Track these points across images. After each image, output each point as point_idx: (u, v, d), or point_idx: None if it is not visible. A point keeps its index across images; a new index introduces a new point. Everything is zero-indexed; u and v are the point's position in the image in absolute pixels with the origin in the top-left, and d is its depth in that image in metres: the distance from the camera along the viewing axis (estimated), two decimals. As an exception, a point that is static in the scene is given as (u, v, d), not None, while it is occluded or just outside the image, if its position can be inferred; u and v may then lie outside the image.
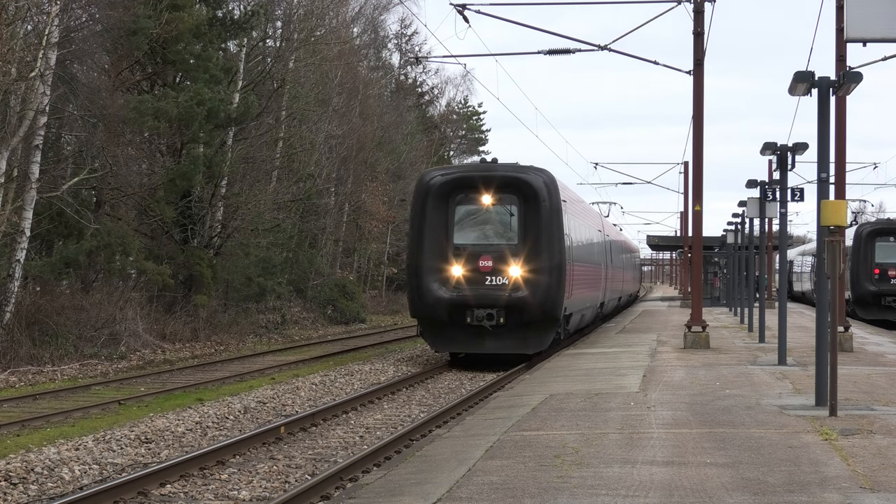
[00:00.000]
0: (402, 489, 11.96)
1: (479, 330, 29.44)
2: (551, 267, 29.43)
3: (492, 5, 32.90)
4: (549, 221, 29.54)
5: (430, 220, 29.71)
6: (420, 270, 29.61)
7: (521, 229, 29.70)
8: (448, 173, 30.47)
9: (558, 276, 29.57)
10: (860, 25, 17.36)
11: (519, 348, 29.73)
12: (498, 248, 29.66)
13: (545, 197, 29.56)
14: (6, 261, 31.31)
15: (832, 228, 17.07)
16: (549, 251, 29.44)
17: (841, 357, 22.60)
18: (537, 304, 29.23)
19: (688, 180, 67.07)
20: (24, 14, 31.58)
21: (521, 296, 29.26)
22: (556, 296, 29.58)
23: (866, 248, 49.68)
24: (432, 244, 29.62)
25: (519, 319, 29.33)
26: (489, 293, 29.34)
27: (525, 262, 29.41)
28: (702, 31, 31.62)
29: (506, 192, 29.81)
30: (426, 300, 29.52)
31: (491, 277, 29.45)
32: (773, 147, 25.02)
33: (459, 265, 29.52)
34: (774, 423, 15.95)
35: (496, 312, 29.20)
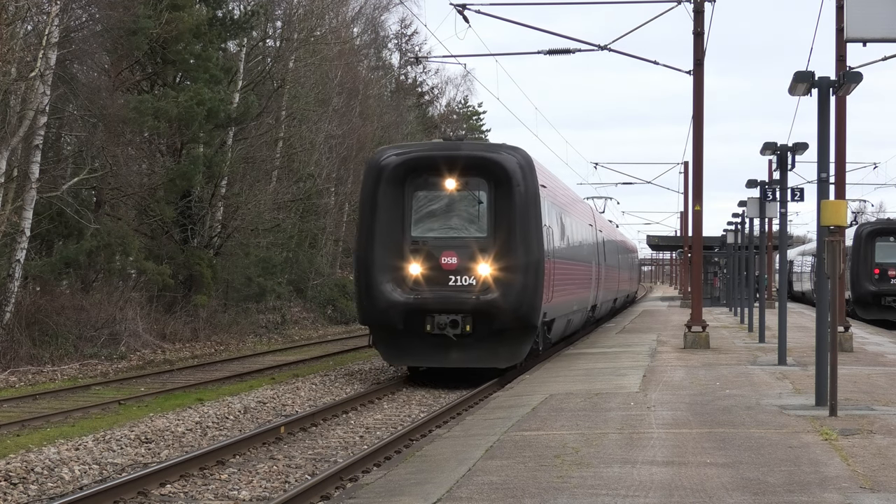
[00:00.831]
0: (402, 489, 11.97)
1: (442, 340, 25.02)
2: (527, 264, 25.05)
3: (492, 5, 32.90)
4: (525, 210, 25.09)
5: (382, 209, 25.21)
6: (370, 268, 25.11)
7: (491, 219, 25.26)
8: (404, 152, 25.85)
9: (535, 276, 25.20)
10: (860, 25, 17.37)
11: (489, 361, 25.47)
12: (464, 241, 25.26)
13: (519, 181, 25.07)
14: (6, 261, 31.31)
15: (832, 228, 17.07)
16: (524, 245, 25.06)
17: (841, 357, 22.60)
18: (510, 308, 24.93)
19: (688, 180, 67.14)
20: (24, 14, 31.58)
21: (492, 299, 24.89)
22: (533, 299, 25.19)
23: (866, 248, 49.67)
24: (385, 237, 25.16)
25: (489, 327, 24.98)
26: (453, 296, 25.00)
27: (496, 258, 25.03)
28: (702, 31, 31.61)
29: (473, 175, 25.45)
30: (378, 304, 25.06)
31: (455, 277, 25.13)
32: (773, 147, 25.02)
33: (417, 262, 25.17)
34: (774, 423, 15.95)
35: (461, 319, 24.88)
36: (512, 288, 24.90)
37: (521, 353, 25.83)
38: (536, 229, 25.30)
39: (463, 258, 25.13)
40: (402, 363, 26.39)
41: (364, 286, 25.30)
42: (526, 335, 25.59)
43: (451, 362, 25.36)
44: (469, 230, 25.41)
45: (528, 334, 25.62)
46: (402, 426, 19.58)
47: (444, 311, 24.93)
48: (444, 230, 25.44)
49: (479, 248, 25.15)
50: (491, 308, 24.86)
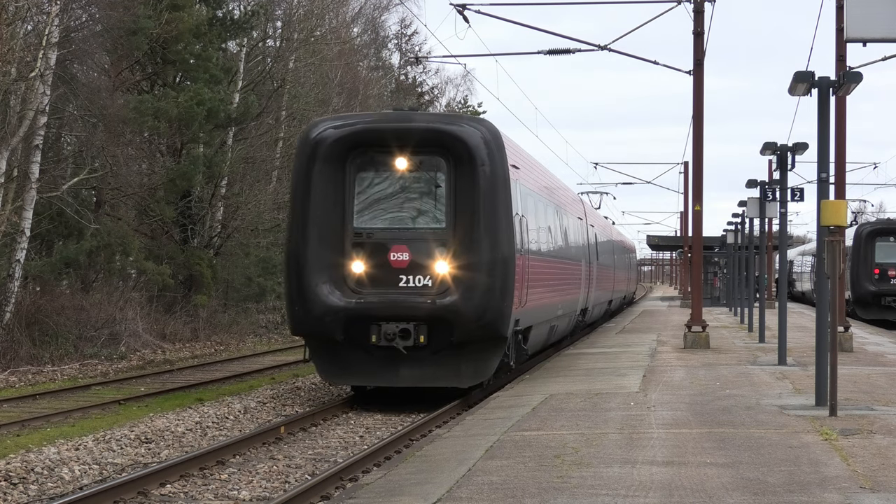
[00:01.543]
0: (402, 489, 11.97)
1: (391, 353, 20.85)
2: (493, 261, 20.81)
3: (492, 5, 32.90)
4: (492, 194, 20.87)
5: (318, 194, 20.99)
6: (303, 267, 20.92)
7: (450, 206, 21.07)
8: (344, 125, 21.43)
9: (504, 275, 20.96)
10: (860, 25, 17.37)
11: (447, 379, 21.25)
12: (417, 233, 21.10)
13: (484, 159, 20.85)
14: (6, 261, 31.31)
15: (832, 228, 17.08)
16: (490, 238, 20.85)
17: (841, 357, 22.61)
18: (473, 314, 20.64)
19: (688, 180, 67.10)
20: (24, 14, 31.58)
21: (451, 303, 20.61)
22: (501, 303, 20.91)
23: (866, 248, 49.68)
24: (321, 229, 20.98)
25: (447, 337, 20.78)
26: (404, 300, 20.78)
27: (456, 254, 20.84)
28: (702, 31, 31.61)
29: (429, 153, 21.22)
30: (312, 310, 20.81)
31: (407, 277, 20.93)
32: (773, 147, 25.02)
33: (361, 259, 20.98)
34: (774, 423, 15.95)
35: (414, 328, 20.67)
36: (475, 290, 20.66)
37: (488, 370, 21.61)
38: (506, 219, 21.08)
39: (416, 254, 20.95)
40: (342, 382, 22.30)
41: (295, 288, 21.07)
42: (493, 347, 21.45)
43: (402, 381, 21.16)
44: (424, 220, 21.26)
45: (496, 346, 21.50)
46: (402, 426, 19.58)
47: (394, 319, 20.69)
48: (394, 220, 21.27)
49: (437, 242, 20.95)
50: (450, 314, 20.61)
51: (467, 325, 20.66)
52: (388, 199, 21.31)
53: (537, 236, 25.43)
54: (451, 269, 20.84)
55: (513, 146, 23.03)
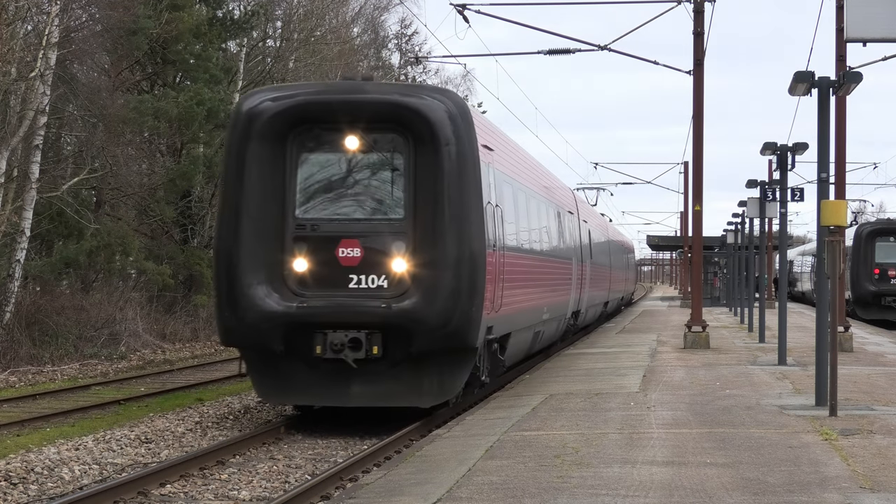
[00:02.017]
0: (402, 489, 11.97)
1: (340, 367, 17.85)
2: (460, 258, 17.74)
3: (492, 5, 32.91)
4: (459, 179, 17.85)
5: (253, 179, 17.93)
6: (235, 265, 17.81)
7: (409, 193, 17.99)
8: (284, 96, 18.39)
9: (472, 274, 17.87)
10: (860, 25, 17.38)
11: (406, 398, 18.20)
12: (371, 226, 17.99)
13: (449, 137, 17.80)
14: (6, 261, 31.32)
15: (832, 228, 17.08)
16: (457, 230, 17.78)
17: (841, 357, 22.62)
18: (436, 321, 17.58)
19: (688, 180, 67.12)
20: (24, 14, 31.60)
21: (410, 307, 17.58)
22: (469, 306, 17.82)
23: (866, 248, 49.69)
24: (257, 220, 17.93)
25: (406, 348, 17.77)
26: (355, 304, 17.68)
27: (417, 249, 17.79)
28: (702, 31, 31.62)
29: (385, 130, 18.15)
30: (245, 316, 17.73)
31: (359, 276, 17.82)
32: (773, 147, 25.03)
33: (304, 256, 17.89)
34: (774, 423, 15.95)
35: (366, 337, 17.64)
36: (438, 291, 17.62)
37: (455, 386, 18.56)
38: (475, 208, 18.03)
39: (369, 249, 17.84)
40: (282, 400, 19.05)
41: (225, 290, 17.93)
42: (461, 359, 18.43)
43: (353, 399, 18.12)
44: (378, 209, 18.16)
45: (465, 358, 18.46)
46: (403, 426, 19.57)
47: (342, 326, 17.64)
48: (343, 209, 18.18)
49: (393, 236, 17.89)
50: (408, 321, 17.56)
51: (429, 334, 17.57)
52: (337, 184, 18.21)
53: (516, 230, 22.24)
54: (411, 267, 17.69)
55: (485, 124, 20.38)
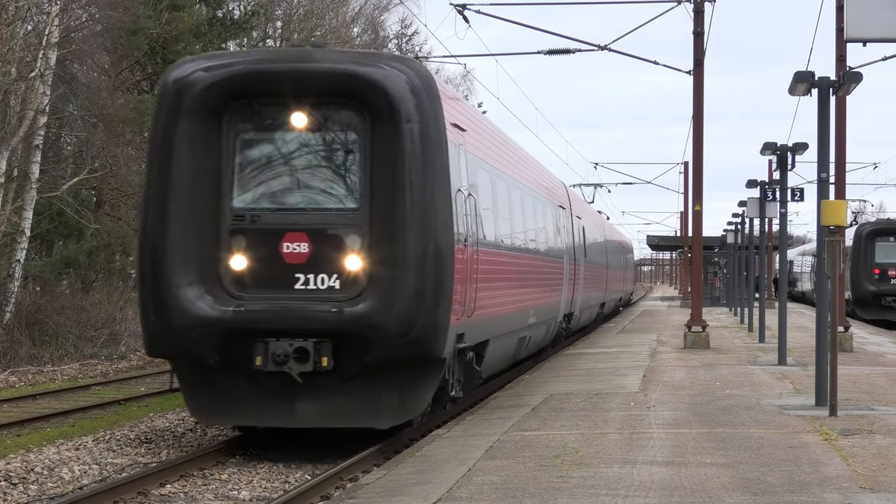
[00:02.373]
0: (402, 489, 11.97)
1: (284, 381, 15.31)
2: (424, 253, 15.27)
3: (492, 5, 32.91)
4: (423, 163, 15.36)
5: (183, 162, 15.43)
6: (161, 262, 15.37)
7: (365, 179, 15.47)
8: (220, 65, 15.73)
9: (438, 272, 15.39)
10: (860, 25, 17.37)
11: (361, 417, 15.70)
12: (321, 217, 15.49)
13: (411, 113, 15.33)
14: (6, 261, 31.34)
15: (832, 228, 17.08)
16: (420, 222, 15.28)
17: (841, 357, 22.62)
18: (395, 327, 15.14)
19: (688, 180, 67.09)
20: (24, 14, 31.62)
21: (365, 311, 15.11)
22: (434, 310, 15.38)
23: (866, 248, 49.70)
24: (188, 209, 15.44)
25: (361, 359, 15.30)
26: (302, 308, 15.23)
27: (373, 244, 15.29)
28: (702, 31, 31.63)
29: (336, 106, 15.58)
30: (173, 321, 15.32)
31: (306, 276, 15.34)
32: (773, 147, 25.03)
33: (243, 252, 15.40)
34: (774, 423, 15.95)
35: (315, 346, 15.16)
36: (398, 293, 15.14)
37: (418, 403, 16.02)
38: (442, 196, 15.57)
39: (319, 244, 15.34)
40: (219, 420, 16.52)
41: (150, 292, 15.48)
42: (426, 372, 15.93)
43: (300, 419, 15.61)
44: (330, 198, 15.64)
45: (430, 370, 15.98)
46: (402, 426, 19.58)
47: (287, 334, 15.14)
48: (289, 198, 15.70)
49: (347, 228, 15.38)
50: (364, 327, 15.08)
51: (388, 342, 15.11)
52: (281, 169, 15.71)
53: (494, 223, 19.71)
54: (367, 264, 15.20)
55: (456, 100, 18.09)
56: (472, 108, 19.98)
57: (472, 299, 17.20)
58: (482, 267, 18.08)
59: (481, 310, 17.93)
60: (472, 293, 17.19)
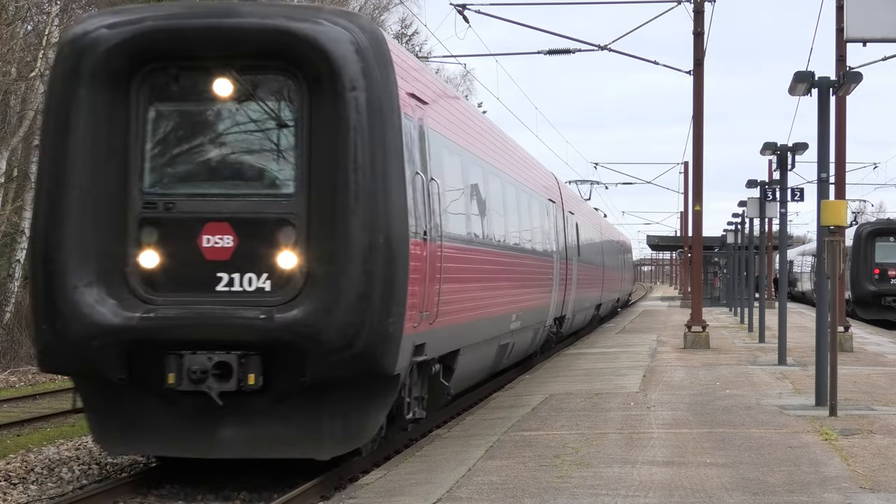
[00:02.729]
0: (402, 489, 11.97)
1: (204, 403, 12.84)
2: (371, 249, 12.75)
3: (492, 5, 32.94)
4: (370, 139, 12.85)
5: (81, 138, 12.94)
6: (54, 257, 12.91)
7: (302, 159, 13.00)
8: (127, 21, 13.11)
9: (389, 271, 12.89)
10: (860, 25, 17.38)
11: (298, 447, 13.21)
12: (248, 205, 13.01)
13: (356, 79, 12.82)
14: (6, 261, 31.38)
15: (832, 228, 17.09)
16: (367, 211, 12.76)
17: (841, 357, 22.62)
18: (338, 337, 12.65)
19: (688, 180, 67.10)
20: (24, 14, 31.63)
21: (301, 318, 12.64)
22: (384, 317, 12.85)
23: (866, 248, 49.72)
24: (88, 195, 12.94)
25: (296, 376, 12.81)
26: (225, 314, 12.75)
27: (312, 238, 12.86)
28: (702, 31, 31.64)
29: (267, 70, 13.11)
30: (69, 329, 12.81)
31: (230, 275, 12.90)
32: (773, 147, 25.04)
33: (154, 247, 12.96)
34: (774, 423, 15.95)
35: (240, 361, 12.69)
36: (341, 296, 12.60)
37: (367, 428, 13.35)
38: (395, 180, 13.00)
39: (246, 238, 12.83)
40: (126, 449, 13.97)
41: (42, 293, 12.95)
42: (375, 391, 13.32)
43: (222, 448, 13.06)
44: (259, 182, 13.14)
45: (381, 389, 13.38)
46: (402, 426, 19.57)
47: (206, 346, 12.64)
48: (210, 182, 13.12)
49: (280, 219, 12.87)
50: (299, 337, 12.58)
51: (327, 356, 12.58)
52: (201, 147, 13.17)
53: (465, 214, 17.16)
54: (303, 261, 12.71)
55: (415, 66, 14.88)
56: (438, 80, 17.28)
57: (434, 303, 14.46)
58: (449, 265, 15.36)
59: (448, 315, 15.35)
60: (434, 296, 14.46)
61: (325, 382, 12.88)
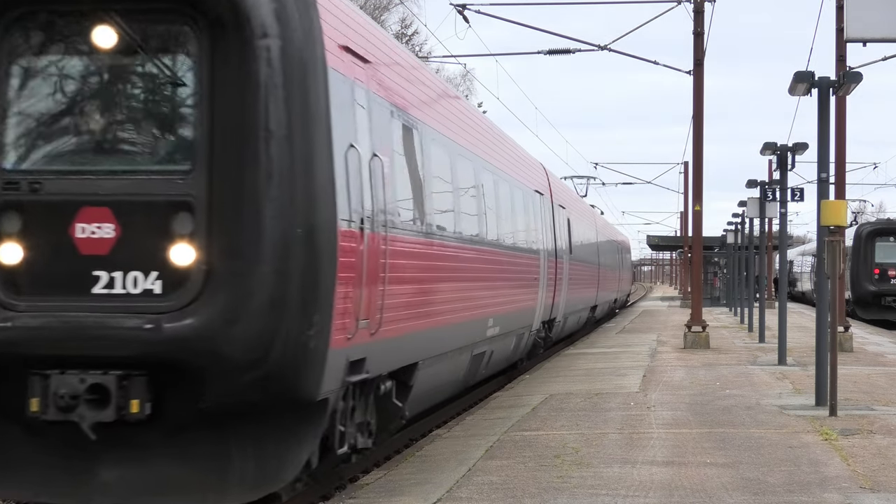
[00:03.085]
0: (402, 489, 11.97)
1: (74, 437, 9.93)
2: (286, 239, 9.90)
3: (492, 5, 32.98)
4: (286, 99, 9.96)
5: None
6: None
7: (201, 128, 10.01)
8: None
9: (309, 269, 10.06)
10: (860, 25, 17.39)
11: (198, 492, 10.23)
12: (133, 185, 10.03)
13: (268, 25, 9.97)
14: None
15: (832, 228, 17.09)
16: (281, 191, 9.90)
17: (841, 357, 22.63)
18: (243, 353, 9.82)
19: (688, 180, 67.12)
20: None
21: (199, 328, 9.76)
22: (303, 326, 10.01)
23: (866, 248, 49.74)
24: None
25: (193, 401, 9.95)
26: (100, 323, 9.82)
27: (213, 227, 9.88)
28: (702, 31, 31.67)
29: (157, 15, 10.15)
30: None
31: (110, 273, 9.93)
32: (773, 147, 25.05)
33: (15, 238, 10.05)
34: (774, 423, 15.95)
35: (119, 383, 9.81)
36: (248, 299, 9.88)
37: (286, 467, 10.47)
38: (319, 152, 10.27)
39: (130, 226, 10.04)
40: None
41: None
42: (297, 421, 10.45)
43: (102, 494, 10.26)
44: (147, 156, 10.26)
45: (304, 418, 10.50)
46: (402, 426, 19.58)
47: (77, 364, 9.94)
48: (86, 156, 10.28)
49: (173, 203, 10.02)
50: (195, 353, 9.86)
51: (232, 377, 9.87)
52: (77, 112, 10.26)
53: (421, 199, 14.13)
54: (202, 256, 9.83)
55: (348, 13, 11.94)
56: (390, 38, 14.34)
57: (377, 308, 11.80)
58: (398, 262, 12.65)
59: (397, 323, 12.74)
60: (376, 299, 11.79)
61: (231, 410, 10.03)
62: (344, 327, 10.80)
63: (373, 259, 11.71)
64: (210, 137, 9.96)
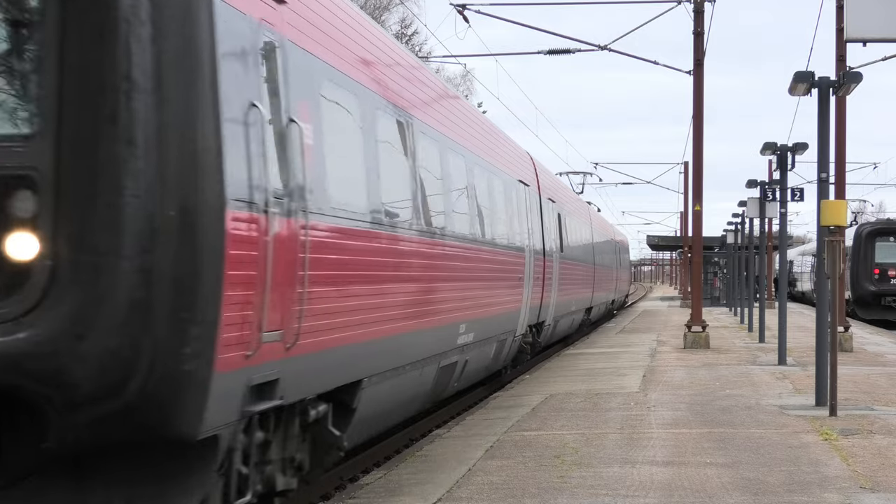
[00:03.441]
0: (402, 489, 11.97)
1: None
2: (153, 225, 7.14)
3: (492, 5, 32.98)
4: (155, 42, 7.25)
5: None
6: None
7: (48, 81, 7.15)
8: None
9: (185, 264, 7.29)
10: (860, 25, 17.38)
11: None
12: None
13: None
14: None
15: (832, 228, 17.09)
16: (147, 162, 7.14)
17: (841, 357, 22.64)
18: (96, 377, 7.00)
19: (688, 180, 67.13)
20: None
21: (37, 343, 6.91)
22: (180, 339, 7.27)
23: (866, 248, 49.77)
24: None
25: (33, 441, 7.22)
26: None
27: (62, 208, 7.03)
28: (702, 31, 31.67)
29: None
30: None
31: None
32: (773, 147, 25.06)
33: None
34: (774, 423, 15.95)
35: None
36: (103, 306, 7.06)
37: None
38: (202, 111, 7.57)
39: None
40: None
41: None
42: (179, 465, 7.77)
43: None
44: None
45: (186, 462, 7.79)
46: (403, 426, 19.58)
47: None
48: None
49: (11, 177, 7.08)
50: (32, 378, 7.02)
51: (81, 408, 7.20)
52: None
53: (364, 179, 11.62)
54: (48, 247, 7.09)
55: None
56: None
57: (294, 315, 9.31)
58: (324, 256, 10.07)
59: (325, 333, 10.18)
60: (292, 303, 9.29)
61: (88, 451, 7.53)
62: (240, 341, 8.20)
63: (286, 252, 9.08)
64: (59, 93, 7.30)
